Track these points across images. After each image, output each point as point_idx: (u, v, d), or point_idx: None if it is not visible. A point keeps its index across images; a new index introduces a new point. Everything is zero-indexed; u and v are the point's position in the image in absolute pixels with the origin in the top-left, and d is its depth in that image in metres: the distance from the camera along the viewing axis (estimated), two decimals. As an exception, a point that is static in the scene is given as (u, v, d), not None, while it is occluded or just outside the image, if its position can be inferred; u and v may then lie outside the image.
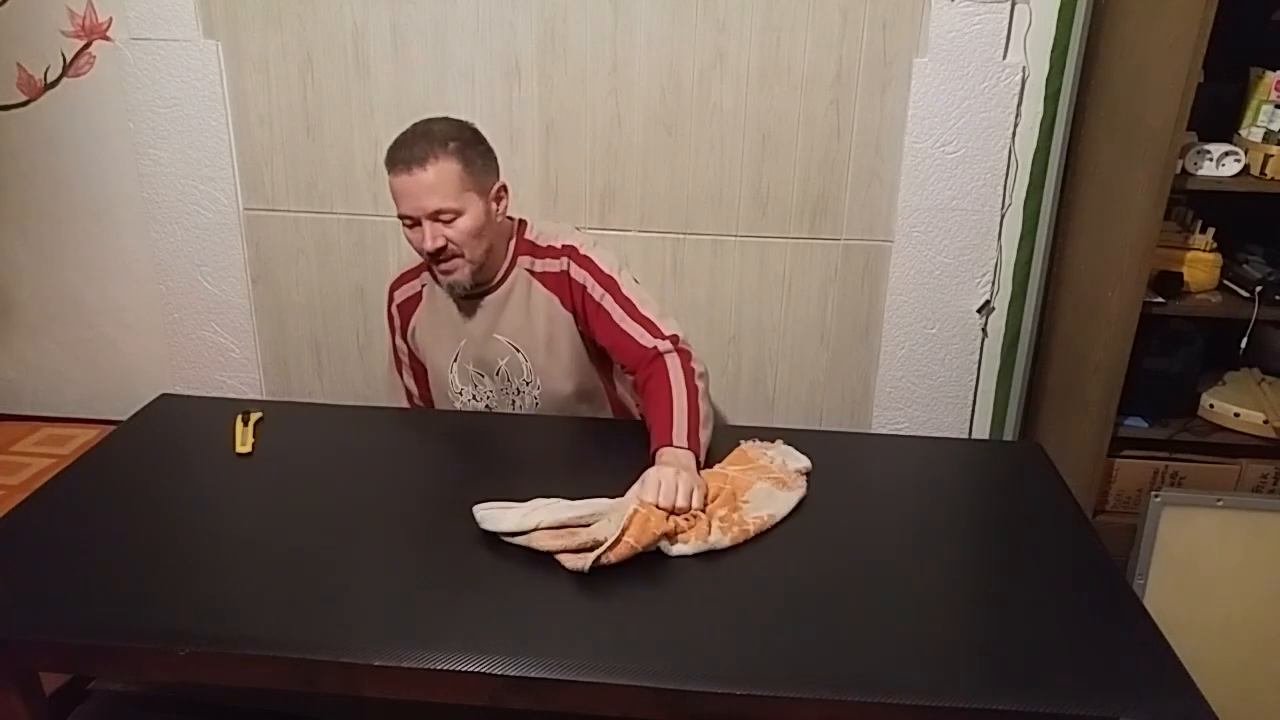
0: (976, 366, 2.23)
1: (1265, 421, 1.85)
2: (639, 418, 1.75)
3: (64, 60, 2.17)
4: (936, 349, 2.22)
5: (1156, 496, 1.84)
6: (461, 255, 1.64)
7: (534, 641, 1.16)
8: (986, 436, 2.29)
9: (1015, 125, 2.04)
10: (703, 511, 1.38)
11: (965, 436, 2.27)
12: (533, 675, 1.12)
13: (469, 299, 1.73)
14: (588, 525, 1.30)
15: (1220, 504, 1.83)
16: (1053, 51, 1.98)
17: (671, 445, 1.48)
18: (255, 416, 1.69)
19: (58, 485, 1.51)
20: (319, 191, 2.23)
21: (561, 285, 1.71)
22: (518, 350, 1.74)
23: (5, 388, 2.48)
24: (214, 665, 1.17)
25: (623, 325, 1.66)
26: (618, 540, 1.27)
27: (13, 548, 1.34)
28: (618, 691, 1.12)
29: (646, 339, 1.64)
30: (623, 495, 1.38)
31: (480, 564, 1.31)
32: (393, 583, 1.28)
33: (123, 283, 2.35)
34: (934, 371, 2.24)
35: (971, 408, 2.27)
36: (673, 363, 1.60)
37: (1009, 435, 2.26)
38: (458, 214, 1.60)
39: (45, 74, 2.18)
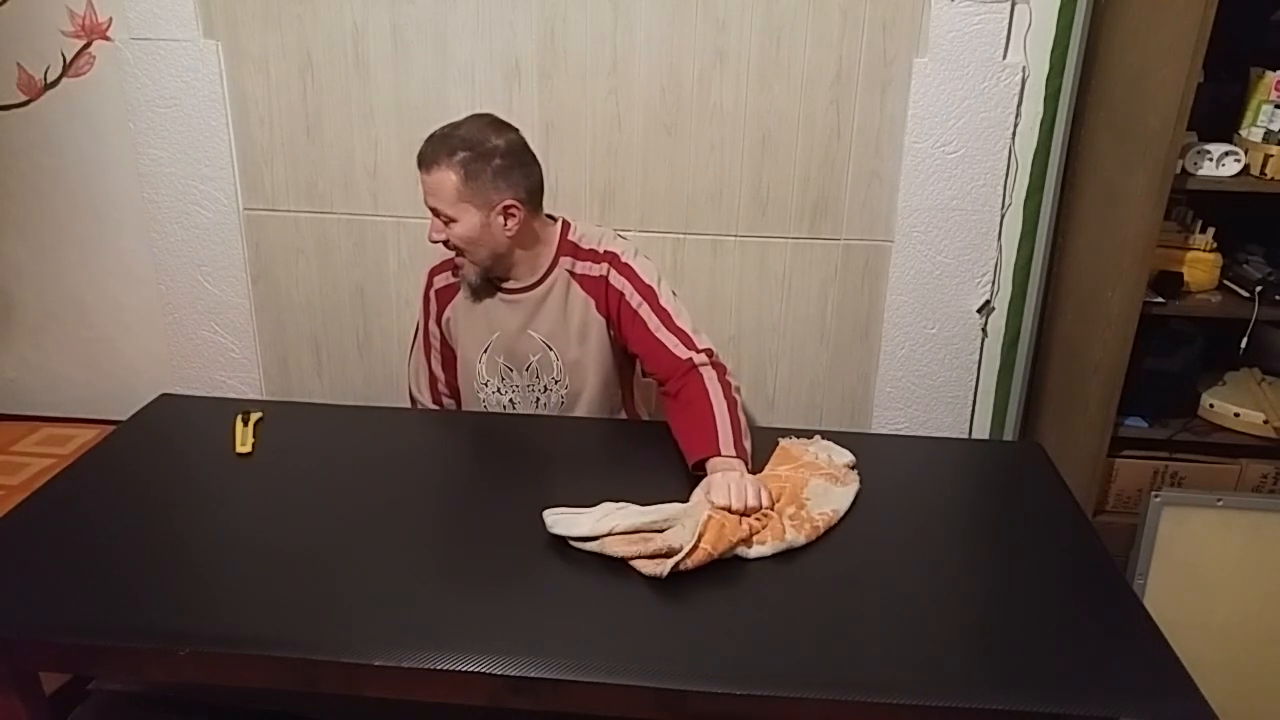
0: (976, 366, 2.23)
1: (1265, 421, 1.85)
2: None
3: (64, 60, 2.17)
4: (936, 349, 2.22)
5: (1156, 496, 1.84)
6: (464, 254, 1.68)
7: (534, 641, 1.16)
8: (986, 436, 2.29)
9: (1015, 125, 2.04)
10: (773, 510, 1.38)
11: (965, 436, 2.27)
12: (533, 675, 1.12)
13: (509, 294, 1.75)
14: (661, 531, 1.31)
15: (1220, 504, 1.83)
16: (1053, 51, 1.98)
17: (720, 454, 1.49)
18: (255, 416, 1.69)
19: (58, 485, 1.51)
20: (319, 191, 2.23)
21: (599, 290, 1.72)
22: (550, 348, 1.76)
23: (5, 388, 2.47)
24: (214, 665, 1.17)
25: (657, 334, 1.68)
26: (695, 547, 1.27)
27: (13, 548, 1.34)
28: (618, 691, 1.12)
29: (681, 350, 1.66)
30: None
31: (480, 564, 1.31)
32: (393, 583, 1.28)
33: (123, 283, 2.35)
34: (934, 371, 2.24)
35: (971, 408, 2.27)
36: (709, 375, 1.62)
37: (1009, 435, 2.26)
38: (451, 220, 1.64)
39: (45, 74, 2.18)
